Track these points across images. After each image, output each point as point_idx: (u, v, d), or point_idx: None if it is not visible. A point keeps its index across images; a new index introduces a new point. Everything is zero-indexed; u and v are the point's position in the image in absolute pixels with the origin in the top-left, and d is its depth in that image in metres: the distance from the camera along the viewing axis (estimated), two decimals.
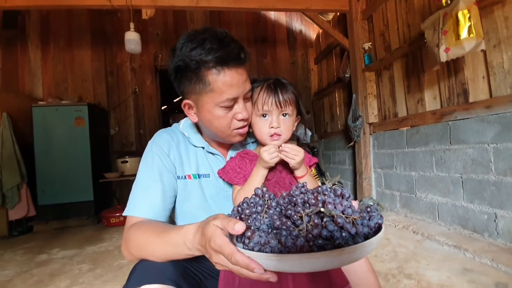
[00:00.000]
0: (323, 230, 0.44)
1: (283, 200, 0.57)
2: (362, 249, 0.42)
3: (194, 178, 0.86)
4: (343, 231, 0.44)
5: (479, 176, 1.89)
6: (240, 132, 0.81)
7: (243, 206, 0.57)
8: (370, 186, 3.06)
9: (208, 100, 0.75)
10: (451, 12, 1.69)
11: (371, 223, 0.48)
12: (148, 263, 0.65)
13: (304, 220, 0.47)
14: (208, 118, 0.78)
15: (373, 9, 2.91)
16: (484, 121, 1.83)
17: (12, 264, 2.26)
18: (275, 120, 0.81)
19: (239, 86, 0.74)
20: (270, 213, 0.55)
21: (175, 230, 0.62)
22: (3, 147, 3.13)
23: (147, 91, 4.46)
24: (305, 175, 0.81)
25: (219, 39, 0.71)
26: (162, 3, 2.75)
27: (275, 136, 0.82)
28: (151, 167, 0.81)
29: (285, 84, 0.84)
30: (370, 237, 0.45)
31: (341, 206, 0.48)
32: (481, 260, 1.65)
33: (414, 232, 2.21)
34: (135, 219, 0.75)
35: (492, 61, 1.80)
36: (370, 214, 0.50)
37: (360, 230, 0.45)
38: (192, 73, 0.73)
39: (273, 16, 4.85)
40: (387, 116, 2.86)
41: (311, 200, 0.51)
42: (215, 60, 0.70)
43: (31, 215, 3.34)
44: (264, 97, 0.81)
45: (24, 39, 4.12)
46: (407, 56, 2.52)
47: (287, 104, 0.81)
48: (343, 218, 0.45)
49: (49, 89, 4.13)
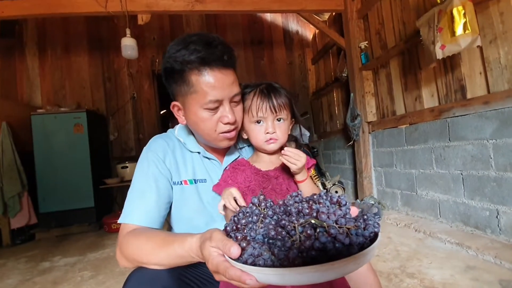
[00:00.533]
0: (316, 242, 0.43)
1: (279, 209, 0.56)
2: (355, 261, 0.41)
3: (191, 183, 0.85)
4: (336, 242, 0.43)
5: (479, 172, 1.88)
6: (227, 136, 0.80)
7: (239, 216, 0.57)
8: (370, 185, 3.06)
9: (193, 101, 0.75)
10: (446, 9, 1.69)
11: (365, 233, 0.46)
12: (143, 271, 0.65)
13: (297, 230, 0.47)
14: (194, 120, 0.78)
15: (368, 8, 2.91)
16: (483, 117, 1.82)
17: (15, 272, 2.26)
18: (271, 125, 0.80)
19: (223, 88, 0.73)
20: (266, 223, 0.54)
21: (178, 243, 0.62)
22: (3, 156, 3.14)
23: (145, 95, 4.47)
24: (305, 179, 0.81)
25: (206, 42, 0.72)
26: (157, 8, 2.76)
27: (271, 141, 0.81)
28: (146, 173, 0.80)
29: (277, 88, 0.83)
30: (366, 246, 0.44)
31: (334, 215, 0.47)
32: (484, 257, 1.64)
33: (416, 230, 2.21)
34: (131, 226, 0.74)
35: (488, 56, 1.79)
36: (366, 222, 0.48)
37: (354, 241, 0.44)
38: (177, 74, 0.74)
39: (269, 17, 4.86)
40: (386, 114, 2.86)
41: (305, 209, 0.50)
42: (197, 60, 0.70)
43: (32, 223, 3.35)
44: (258, 103, 0.80)
45: (22, 47, 4.14)
46: (403, 53, 2.52)
47: (282, 109, 0.80)
48: (336, 229, 0.44)
49: (47, 96, 4.14)
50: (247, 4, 2.89)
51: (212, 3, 2.83)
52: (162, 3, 2.76)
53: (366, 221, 0.49)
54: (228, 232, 0.55)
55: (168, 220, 0.91)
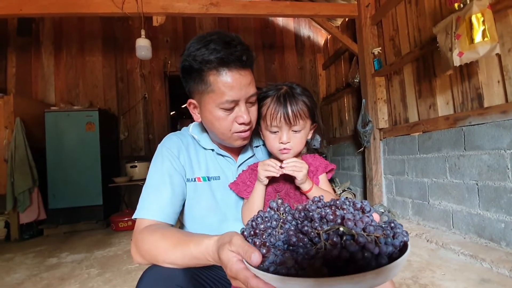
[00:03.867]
0: (343, 251, 0.40)
1: (299, 214, 0.53)
2: (387, 272, 0.38)
3: (204, 180, 0.85)
4: (365, 251, 0.40)
5: (495, 183, 1.83)
6: (242, 136, 0.80)
7: (258, 220, 0.55)
8: (380, 193, 3.01)
9: (209, 100, 0.75)
10: (464, 16, 1.66)
11: (396, 242, 0.43)
12: (158, 270, 0.64)
13: (322, 238, 0.44)
14: (209, 119, 0.78)
15: (383, 14, 2.90)
16: (500, 127, 1.78)
17: (23, 267, 2.28)
18: (285, 135, 0.78)
19: (240, 89, 0.73)
20: (286, 228, 0.52)
21: (194, 243, 0.61)
22: (16, 152, 3.19)
23: (156, 96, 4.51)
24: (311, 189, 0.79)
25: (226, 41, 0.72)
26: (172, 10, 2.80)
27: (284, 150, 0.80)
28: (161, 169, 0.81)
29: (296, 94, 0.79)
30: (395, 257, 0.41)
31: (361, 223, 0.44)
32: (499, 270, 1.58)
33: (427, 240, 2.15)
34: (146, 222, 0.74)
35: (507, 65, 1.75)
36: (394, 230, 0.46)
37: (384, 250, 0.41)
38: (195, 72, 0.74)
39: (281, 22, 4.88)
40: (398, 122, 2.82)
41: (329, 215, 0.47)
42: (216, 60, 0.71)
43: (41, 218, 3.38)
44: (272, 113, 0.78)
45: (38, 46, 4.23)
46: (418, 60, 2.49)
47: (297, 119, 0.77)
48: (364, 237, 0.42)
49: (61, 94, 4.22)
50: (261, 8, 2.91)
51: (226, 7, 2.85)
52: (177, 5, 2.79)
53: (394, 229, 0.46)
54: (245, 237, 0.53)
55: (180, 218, 0.90)
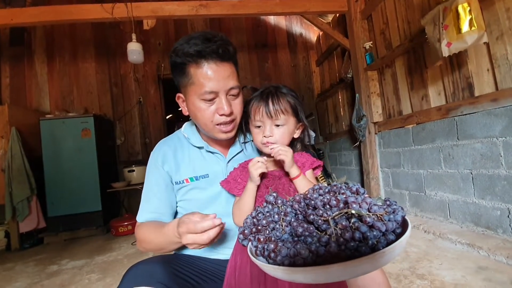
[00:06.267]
0: (356, 232, 0.42)
1: (299, 204, 0.54)
2: (400, 246, 0.41)
3: (192, 181, 0.89)
4: (374, 229, 0.43)
5: (489, 171, 1.84)
6: (223, 129, 0.83)
7: (259, 216, 0.55)
8: (378, 186, 3.02)
9: (192, 92, 0.80)
10: (451, 6, 1.67)
11: (397, 217, 0.46)
12: (139, 267, 0.67)
13: (331, 224, 0.45)
14: (193, 110, 0.83)
15: (372, 8, 2.90)
16: (492, 115, 1.79)
17: (23, 276, 2.28)
18: (268, 129, 0.82)
19: (219, 80, 0.77)
20: (288, 220, 0.52)
21: (167, 225, 0.75)
22: (12, 161, 3.19)
23: (151, 100, 4.51)
24: (299, 175, 0.80)
25: (207, 38, 0.77)
26: (162, 13, 2.80)
27: (267, 144, 0.82)
28: (150, 180, 0.91)
29: (279, 93, 0.84)
30: (399, 232, 0.44)
31: (366, 204, 0.46)
32: (496, 257, 1.59)
33: (425, 231, 2.16)
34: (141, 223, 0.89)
35: (495, 53, 1.76)
36: (392, 207, 0.48)
37: (390, 227, 0.44)
38: (179, 66, 0.79)
39: (273, 20, 4.88)
40: (392, 114, 2.83)
41: (332, 201, 0.49)
42: (195, 53, 0.75)
43: (41, 227, 3.38)
44: (256, 108, 0.83)
45: (31, 55, 4.23)
46: (408, 52, 2.50)
47: (278, 113, 0.81)
48: (371, 217, 0.44)
49: (55, 102, 4.21)
50: (251, 7, 2.92)
51: (216, 7, 2.86)
52: (167, 8, 2.80)
53: (391, 206, 0.48)
54: (246, 236, 0.53)
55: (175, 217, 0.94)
